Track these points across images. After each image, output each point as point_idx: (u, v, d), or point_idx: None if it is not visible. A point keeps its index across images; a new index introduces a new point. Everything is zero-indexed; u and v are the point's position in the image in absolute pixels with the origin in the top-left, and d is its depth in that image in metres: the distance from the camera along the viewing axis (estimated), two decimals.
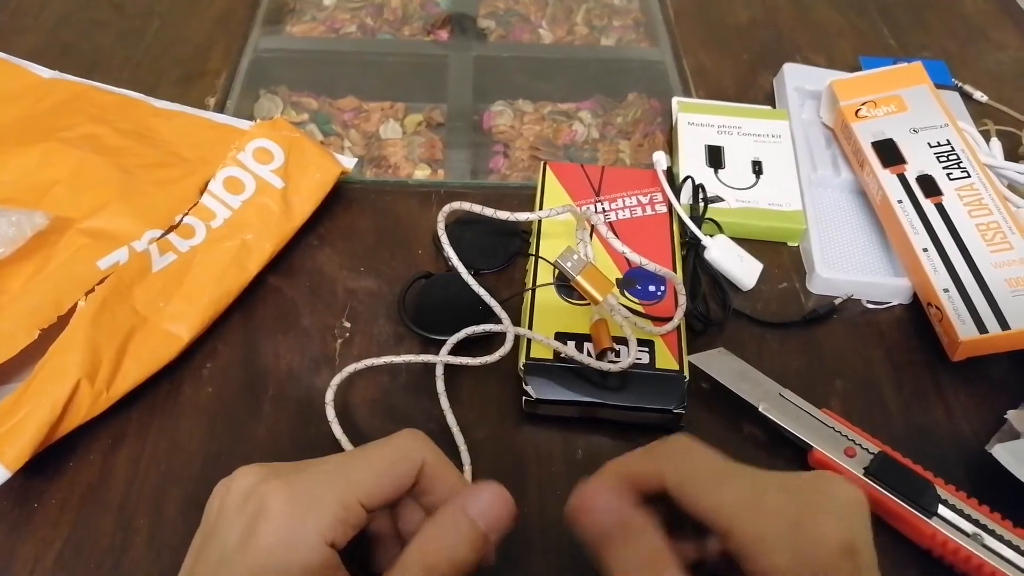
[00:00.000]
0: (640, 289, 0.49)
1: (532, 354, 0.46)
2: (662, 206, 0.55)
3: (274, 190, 0.53)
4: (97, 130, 0.57)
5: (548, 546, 0.41)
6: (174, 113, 0.60)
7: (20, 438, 0.40)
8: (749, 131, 0.61)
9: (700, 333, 0.50)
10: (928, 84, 0.60)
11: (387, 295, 0.52)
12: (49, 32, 0.70)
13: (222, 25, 0.72)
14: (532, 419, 0.46)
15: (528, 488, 0.44)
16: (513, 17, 0.77)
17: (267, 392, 0.47)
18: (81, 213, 0.50)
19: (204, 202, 0.52)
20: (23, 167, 0.53)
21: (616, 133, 0.66)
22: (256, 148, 0.54)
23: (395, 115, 0.67)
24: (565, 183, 0.56)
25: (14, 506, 0.41)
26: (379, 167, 0.62)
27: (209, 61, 0.68)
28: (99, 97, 0.61)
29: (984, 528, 0.40)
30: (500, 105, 0.68)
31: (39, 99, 0.60)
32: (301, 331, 0.50)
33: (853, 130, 0.58)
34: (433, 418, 0.46)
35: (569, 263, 0.46)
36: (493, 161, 0.64)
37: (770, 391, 0.46)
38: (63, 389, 0.42)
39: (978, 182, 0.54)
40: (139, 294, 0.47)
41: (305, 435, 0.45)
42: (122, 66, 0.67)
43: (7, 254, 0.46)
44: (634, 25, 0.77)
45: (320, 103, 0.67)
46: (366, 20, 0.75)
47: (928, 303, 0.51)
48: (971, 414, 0.48)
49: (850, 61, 0.71)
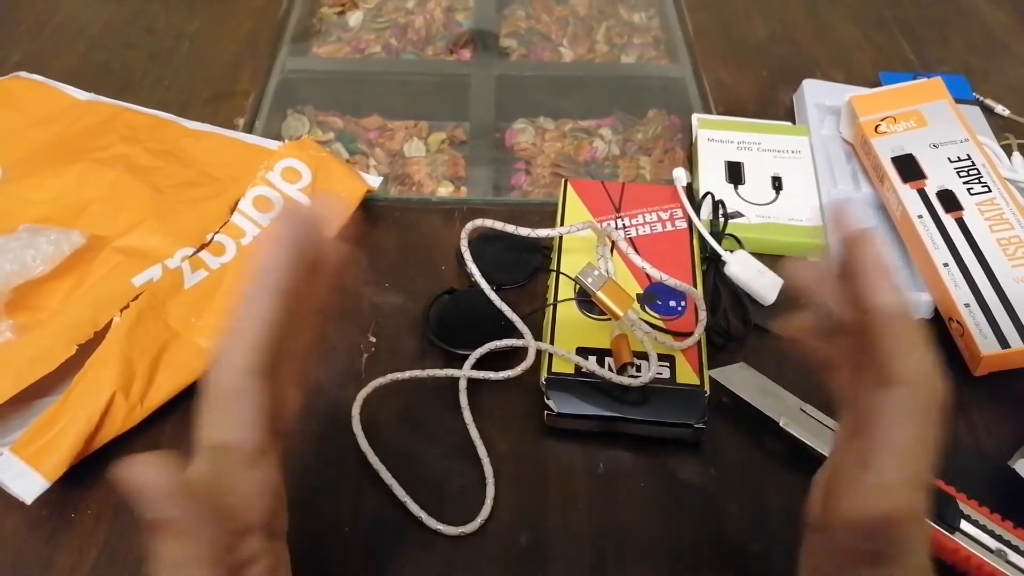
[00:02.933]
0: (660, 304, 0.50)
1: (554, 369, 0.46)
2: (682, 222, 0.55)
3: None
4: (130, 150, 0.58)
5: (570, 557, 0.42)
6: (204, 133, 0.62)
7: (58, 449, 0.42)
8: (769, 147, 0.61)
9: (721, 348, 0.51)
10: (948, 99, 0.60)
11: (412, 310, 0.53)
12: (84, 55, 0.72)
13: (250, 47, 0.74)
14: (554, 433, 0.47)
15: (550, 501, 0.44)
16: (534, 36, 0.78)
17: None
18: (116, 232, 0.52)
19: (234, 220, 0.54)
20: (60, 187, 0.55)
21: (636, 149, 0.67)
22: (284, 168, 0.55)
23: (419, 133, 0.68)
24: (586, 200, 0.56)
25: (52, 516, 0.43)
26: (403, 184, 0.64)
27: (238, 82, 0.70)
28: (132, 118, 0.63)
29: (1008, 544, 0.40)
30: (522, 123, 0.69)
31: (75, 120, 0.62)
32: (328, 346, 0.51)
33: (873, 145, 0.58)
34: (456, 431, 0.46)
35: (590, 279, 0.47)
36: (515, 178, 0.65)
37: (791, 406, 0.46)
38: (99, 402, 0.43)
39: (999, 197, 0.54)
40: (172, 310, 0.48)
41: (332, 448, 0.46)
42: (153, 87, 0.69)
43: (46, 272, 0.48)
44: (654, 43, 0.78)
45: (346, 122, 0.68)
46: (390, 40, 0.76)
47: (949, 318, 0.51)
48: (993, 429, 0.48)
49: (870, 76, 0.71)
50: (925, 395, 0.28)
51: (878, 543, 0.27)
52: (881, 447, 0.29)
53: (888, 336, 0.29)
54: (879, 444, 0.29)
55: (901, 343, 0.29)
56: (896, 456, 0.28)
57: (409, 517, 0.43)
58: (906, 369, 0.28)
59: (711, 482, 0.45)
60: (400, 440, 0.46)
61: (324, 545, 0.42)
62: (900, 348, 0.29)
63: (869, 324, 0.29)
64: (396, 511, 0.43)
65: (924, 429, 0.28)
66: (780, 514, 0.44)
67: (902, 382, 0.28)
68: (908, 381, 0.28)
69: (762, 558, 0.42)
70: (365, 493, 0.44)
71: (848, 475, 0.30)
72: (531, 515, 0.44)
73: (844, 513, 0.29)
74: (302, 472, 0.45)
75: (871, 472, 0.29)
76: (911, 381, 0.28)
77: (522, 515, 0.44)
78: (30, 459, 0.41)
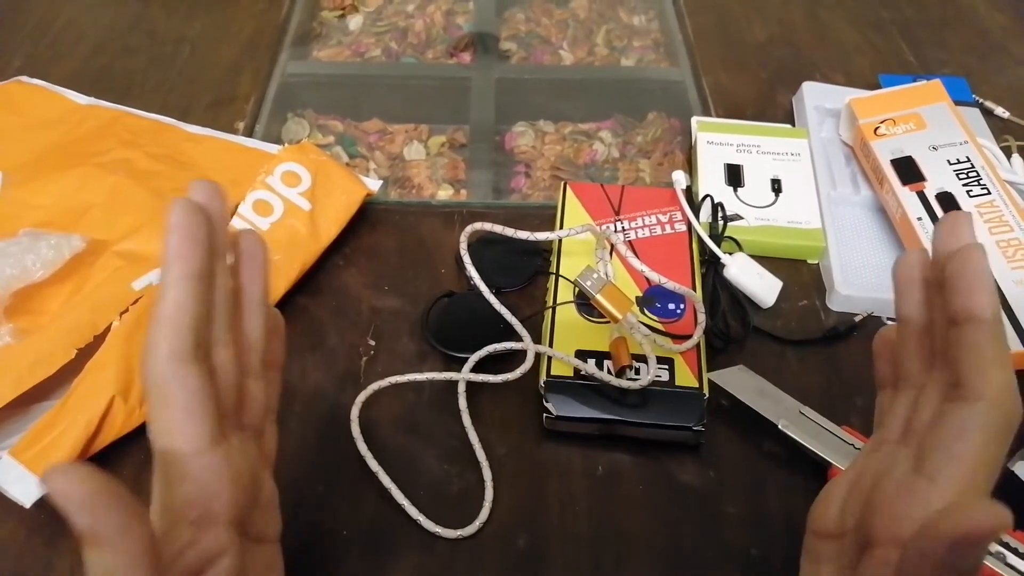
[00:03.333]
0: (660, 307, 0.50)
1: (552, 371, 0.47)
2: (681, 225, 0.55)
3: (302, 212, 0.54)
4: (130, 155, 0.58)
5: (569, 560, 0.42)
6: (205, 138, 0.62)
7: (57, 453, 0.42)
8: (768, 149, 0.62)
9: (720, 351, 0.51)
10: (947, 101, 0.60)
11: (411, 313, 0.53)
12: (85, 59, 0.73)
13: (250, 50, 0.74)
14: (553, 436, 0.47)
15: (549, 504, 0.44)
16: (534, 39, 0.78)
17: (293, 408, 0.48)
18: (116, 236, 0.52)
19: (234, 224, 0.54)
20: (61, 191, 0.55)
21: (636, 152, 0.67)
22: (284, 171, 0.56)
23: (419, 137, 0.68)
24: (585, 202, 0.56)
25: (50, 520, 0.43)
26: (403, 188, 0.64)
27: (238, 86, 0.70)
28: (133, 122, 0.63)
29: (1007, 547, 0.40)
30: (522, 126, 0.69)
31: (76, 125, 0.62)
32: (327, 349, 0.51)
33: (872, 148, 0.58)
34: (455, 435, 0.46)
35: (589, 282, 0.47)
36: (515, 181, 0.65)
37: (790, 408, 0.46)
38: (98, 406, 0.43)
39: (998, 199, 0.54)
40: None
41: (331, 451, 0.46)
42: (155, 91, 0.69)
43: (46, 276, 0.48)
44: (654, 46, 0.78)
45: (346, 126, 0.69)
46: (391, 44, 0.76)
47: None
48: None
49: (869, 79, 0.71)
50: (1004, 413, 0.28)
51: (961, 560, 0.25)
52: (951, 460, 0.28)
53: (975, 350, 0.29)
54: (949, 458, 0.28)
55: (987, 358, 0.28)
56: (965, 470, 0.28)
57: (407, 520, 0.43)
58: (989, 385, 0.28)
59: (710, 484, 0.45)
60: (399, 443, 0.46)
61: (322, 547, 0.42)
62: (985, 363, 0.28)
63: (955, 336, 0.29)
64: (394, 514, 0.43)
65: (997, 447, 0.28)
66: (779, 516, 0.44)
67: (983, 398, 0.28)
68: (989, 397, 0.28)
69: (761, 560, 0.42)
70: (363, 496, 0.44)
71: (902, 484, 0.30)
72: (530, 518, 0.44)
73: (902, 525, 0.29)
74: (301, 474, 0.45)
75: (937, 484, 0.28)
76: (992, 398, 0.28)
77: (521, 518, 0.44)
78: (29, 463, 0.42)
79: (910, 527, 0.28)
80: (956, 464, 0.28)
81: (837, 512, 0.32)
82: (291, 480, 0.45)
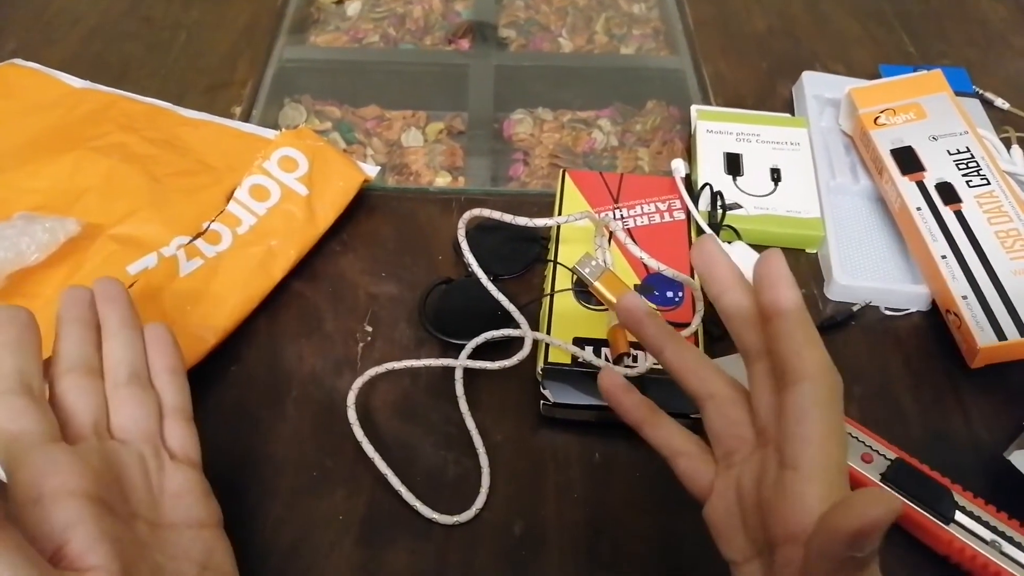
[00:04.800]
0: (658, 295, 0.50)
1: (550, 359, 0.46)
2: (680, 213, 0.55)
3: (299, 197, 0.54)
4: (126, 139, 0.58)
5: (565, 547, 0.42)
6: (201, 122, 0.62)
7: None
8: (768, 139, 0.61)
9: (718, 339, 0.51)
10: (947, 91, 0.60)
11: (408, 300, 0.53)
12: (81, 43, 0.72)
13: (247, 36, 0.74)
14: (550, 423, 0.47)
15: (546, 491, 0.44)
16: (533, 26, 0.78)
17: (290, 394, 0.48)
18: (111, 220, 0.52)
19: (230, 209, 0.53)
20: (56, 175, 0.54)
21: (635, 141, 0.67)
22: (281, 156, 0.55)
23: (417, 123, 0.68)
24: (584, 190, 0.56)
25: None
26: (401, 174, 0.63)
27: (235, 71, 0.70)
28: (128, 106, 0.62)
29: (1002, 535, 0.40)
30: (520, 113, 0.69)
31: (71, 108, 0.62)
32: (324, 335, 0.51)
33: (872, 137, 0.58)
34: (452, 421, 0.46)
35: (587, 269, 0.47)
36: (513, 168, 0.64)
37: None
38: None
39: (998, 189, 0.54)
40: (167, 298, 0.48)
41: (327, 436, 0.46)
42: (151, 76, 0.69)
43: (41, 259, 0.48)
44: (653, 34, 0.78)
45: (343, 112, 0.68)
46: (389, 30, 0.76)
47: (947, 310, 0.51)
48: (989, 421, 0.48)
49: (869, 69, 0.71)
50: (828, 385, 0.30)
51: (859, 550, 0.26)
52: (801, 442, 0.30)
53: (789, 336, 0.31)
54: (798, 440, 0.30)
55: (800, 341, 0.31)
56: (816, 447, 0.30)
57: (404, 506, 0.43)
58: (808, 364, 0.30)
59: None
60: (395, 429, 0.46)
61: (319, 532, 0.42)
62: (800, 346, 0.31)
63: (773, 331, 0.32)
64: (391, 499, 0.43)
65: (833, 416, 0.30)
66: None
67: (806, 377, 0.30)
68: (812, 375, 0.30)
69: None
70: (360, 482, 0.44)
71: (777, 483, 0.31)
72: (526, 505, 0.44)
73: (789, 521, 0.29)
74: (297, 459, 0.45)
75: (801, 470, 0.30)
76: (813, 374, 0.30)
77: (517, 505, 0.44)
78: None
79: (797, 522, 0.29)
80: (807, 444, 0.30)
81: (743, 539, 0.33)
82: (287, 465, 0.45)
